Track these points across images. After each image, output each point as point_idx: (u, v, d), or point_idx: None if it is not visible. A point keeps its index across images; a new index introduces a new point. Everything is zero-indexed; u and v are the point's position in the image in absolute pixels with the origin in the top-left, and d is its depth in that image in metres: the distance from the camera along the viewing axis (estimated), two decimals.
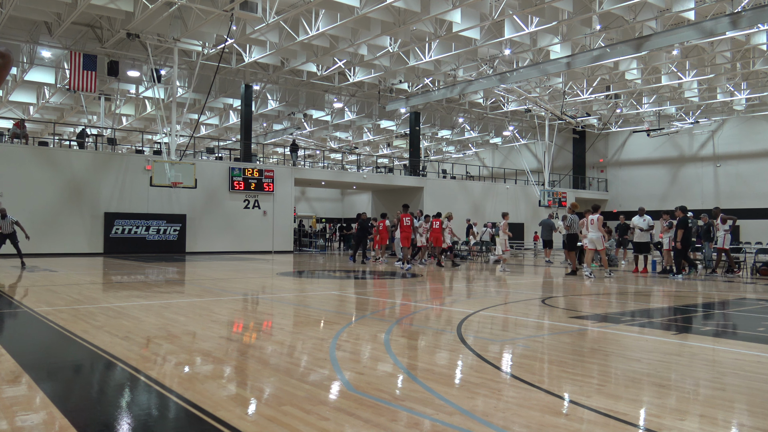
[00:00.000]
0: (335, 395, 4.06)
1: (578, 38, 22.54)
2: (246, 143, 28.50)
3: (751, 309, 9.16)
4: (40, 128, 37.61)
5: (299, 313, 8.31)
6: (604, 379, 4.59)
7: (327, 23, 20.51)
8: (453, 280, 14.20)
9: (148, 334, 6.26)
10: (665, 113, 35.36)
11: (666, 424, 3.46)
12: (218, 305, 8.76)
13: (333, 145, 45.96)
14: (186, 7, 19.59)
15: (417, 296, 10.70)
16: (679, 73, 26.88)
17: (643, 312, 8.66)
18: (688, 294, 11.20)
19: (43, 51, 24.98)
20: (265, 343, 6.03)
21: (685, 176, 36.58)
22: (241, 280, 13.45)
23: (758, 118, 33.75)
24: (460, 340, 6.03)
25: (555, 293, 11.24)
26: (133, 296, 9.81)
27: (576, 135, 40.67)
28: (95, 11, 20.32)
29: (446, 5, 18.90)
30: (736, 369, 4.94)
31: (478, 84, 27.29)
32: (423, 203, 31.42)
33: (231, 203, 25.95)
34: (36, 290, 10.47)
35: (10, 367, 4.72)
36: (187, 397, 3.92)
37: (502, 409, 3.71)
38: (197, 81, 25.22)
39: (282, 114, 36.57)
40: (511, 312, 8.62)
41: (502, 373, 4.75)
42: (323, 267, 19.11)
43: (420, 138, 36.42)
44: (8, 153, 21.63)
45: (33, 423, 3.42)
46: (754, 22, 18.50)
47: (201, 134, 38.90)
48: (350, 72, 27.61)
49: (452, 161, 43.98)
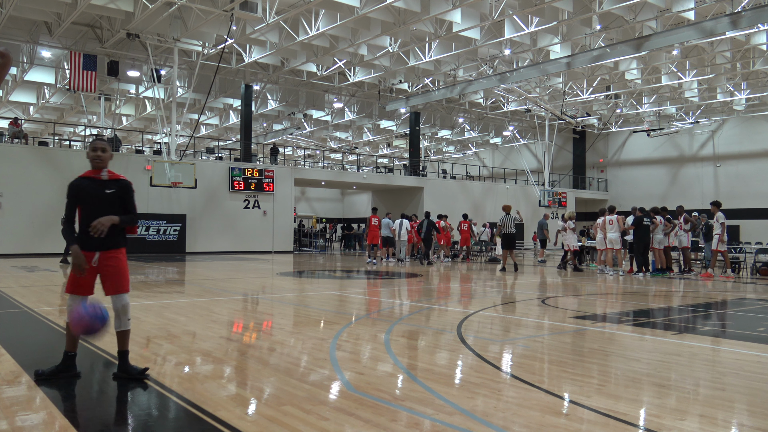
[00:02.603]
0: (335, 395, 4.06)
1: (578, 38, 22.53)
2: (246, 143, 28.50)
3: (751, 309, 9.16)
4: (40, 128, 37.61)
5: (299, 313, 8.31)
6: (604, 379, 4.59)
7: (327, 23, 20.51)
8: (453, 280, 14.20)
9: (148, 334, 6.26)
10: (665, 113, 35.36)
11: (666, 424, 3.46)
12: (218, 305, 8.77)
13: (333, 145, 45.97)
14: (186, 7, 19.58)
15: (417, 296, 10.70)
16: (679, 73, 26.88)
17: (643, 312, 8.66)
18: (688, 294, 11.20)
19: (43, 51, 24.97)
20: (265, 343, 6.03)
21: (685, 176, 36.57)
22: (241, 280, 13.45)
23: (758, 118, 33.74)
24: (460, 340, 6.03)
25: (555, 293, 11.24)
26: (132, 296, 9.78)
27: (576, 135, 40.67)
28: (95, 11, 20.32)
29: (446, 5, 18.90)
30: (736, 369, 4.94)
31: (478, 84, 27.29)
32: (423, 203, 31.43)
33: (231, 203, 25.94)
34: (36, 290, 10.47)
35: (10, 367, 4.72)
36: (187, 397, 3.92)
37: (502, 409, 3.71)
38: (197, 81, 25.21)
39: (282, 114, 36.57)
40: (511, 312, 8.62)
41: (502, 373, 4.75)
42: (323, 267, 19.11)
43: (420, 138, 36.43)
44: (8, 153, 21.63)
45: (33, 423, 3.42)
46: (754, 22, 18.50)
47: (201, 134, 38.90)
48: (350, 72, 27.61)
49: (452, 161, 43.98)
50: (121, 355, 4.44)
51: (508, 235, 17.21)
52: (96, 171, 4.46)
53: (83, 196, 4.37)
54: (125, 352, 4.44)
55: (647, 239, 14.82)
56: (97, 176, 4.44)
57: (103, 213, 4.33)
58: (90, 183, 4.41)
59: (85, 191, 4.37)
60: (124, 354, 4.43)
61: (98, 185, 4.41)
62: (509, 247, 17.14)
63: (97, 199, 4.38)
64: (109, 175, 4.48)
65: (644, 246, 14.89)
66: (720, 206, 14.80)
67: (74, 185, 4.40)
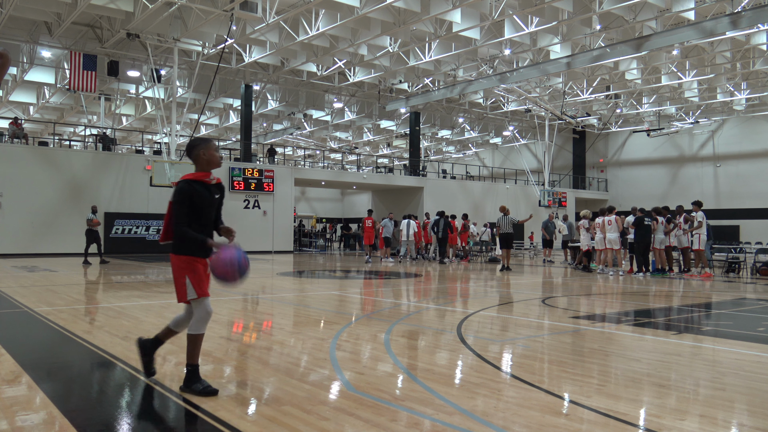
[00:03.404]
0: (335, 395, 4.06)
1: (578, 38, 22.54)
2: (246, 143, 28.50)
3: (751, 309, 9.16)
4: (40, 128, 37.61)
5: (299, 313, 8.31)
6: (604, 379, 4.59)
7: (327, 23, 20.51)
8: (453, 280, 14.20)
9: (149, 335, 6.25)
10: (665, 113, 35.36)
11: (666, 424, 3.46)
12: (218, 305, 8.76)
13: (333, 145, 45.97)
14: (186, 7, 19.58)
15: (417, 296, 10.70)
16: (679, 73, 26.88)
17: (643, 312, 8.66)
18: (688, 294, 11.20)
19: (43, 51, 24.97)
20: (265, 343, 6.03)
21: (685, 176, 36.57)
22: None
23: (758, 118, 33.74)
24: (460, 340, 6.03)
25: (555, 293, 11.24)
26: (133, 296, 9.81)
27: (576, 135, 40.67)
28: (95, 11, 20.32)
29: (446, 5, 18.90)
30: (736, 369, 4.94)
31: (478, 84, 27.29)
32: (423, 203, 31.43)
33: (231, 203, 25.93)
34: (36, 290, 10.47)
35: (10, 367, 4.72)
36: (187, 397, 3.92)
37: (502, 409, 3.71)
38: (197, 81, 25.21)
39: (282, 114, 36.57)
40: (511, 312, 8.62)
41: (502, 373, 4.75)
42: (323, 267, 19.11)
43: (420, 138, 36.42)
44: (8, 153, 21.63)
45: (33, 423, 3.42)
46: (754, 22, 18.50)
47: (201, 134, 38.90)
48: (350, 72, 27.61)
49: (452, 161, 43.97)
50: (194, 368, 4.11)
51: (506, 235, 17.66)
52: (207, 174, 4.15)
53: (197, 202, 4.04)
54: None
55: (648, 239, 14.84)
56: (208, 180, 4.15)
57: (211, 219, 4.18)
58: (203, 188, 4.10)
59: (200, 196, 4.05)
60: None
61: (209, 190, 4.15)
62: (507, 247, 17.61)
63: (209, 205, 4.13)
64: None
65: (645, 246, 14.90)
66: (701, 206, 15.04)
67: (188, 190, 4.03)
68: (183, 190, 4.03)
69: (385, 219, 22.36)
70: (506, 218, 17.78)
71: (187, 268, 4.06)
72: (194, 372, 4.05)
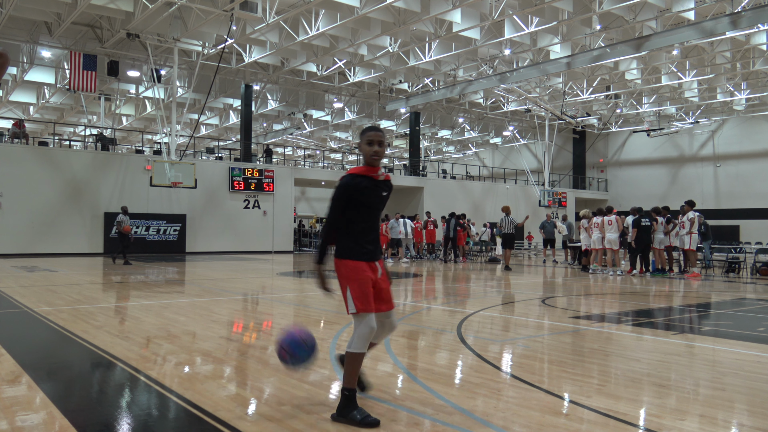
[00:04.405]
0: (335, 395, 4.05)
1: (578, 38, 22.53)
2: (246, 143, 28.50)
3: (751, 309, 9.16)
4: (40, 128, 37.60)
5: (299, 313, 8.32)
6: (604, 379, 4.59)
7: (327, 23, 20.51)
8: (453, 279, 14.20)
9: (148, 334, 6.26)
10: (665, 113, 35.35)
11: (666, 424, 3.46)
12: (218, 305, 8.76)
13: (333, 145, 45.96)
14: (186, 7, 19.58)
15: (417, 296, 10.70)
16: (679, 73, 26.87)
17: (642, 312, 8.66)
18: (688, 294, 11.20)
19: (43, 51, 24.96)
20: (265, 343, 6.03)
21: (685, 176, 36.57)
22: (241, 280, 13.45)
23: (758, 118, 33.74)
24: (460, 340, 6.03)
25: (555, 293, 11.24)
26: (133, 296, 9.81)
27: (576, 135, 40.66)
28: (95, 11, 20.32)
29: (446, 5, 18.90)
30: (736, 369, 4.94)
31: (478, 84, 27.28)
32: (423, 203, 31.43)
33: (231, 203, 25.94)
34: (36, 290, 10.47)
35: (10, 367, 4.72)
36: (187, 397, 3.92)
37: (502, 409, 3.71)
38: (197, 81, 25.20)
39: (282, 114, 36.56)
40: (511, 312, 8.62)
41: (502, 373, 4.75)
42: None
43: (420, 138, 36.42)
44: (8, 153, 21.63)
45: (33, 423, 3.42)
46: (754, 22, 18.49)
47: (201, 134, 38.89)
48: (350, 72, 27.61)
49: (452, 161, 43.96)
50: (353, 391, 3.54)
51: (507, 235, 17.85)
52: (374, 169, 3.61)
53: (362, 199, 3.54)
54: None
55: (647, 239, 14.87)
56: (374, 175, 3.61)
57: (378, 220, 3.68)
58: (369, 183, 3.58)
59: (365, 193, 3.55)
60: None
61: (376, 186, 3.61)
62: (508, 247, 17.82)
63: (377, 203, 3.62)
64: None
65: (644, 246, 14.93)
66: (693, 206, 15.23)
67: (350, 185, 3.53)
68: (342, 185, 3.54)
69: (391, 220, 22.33)
70: (508, 219, 17.93)
71: (349, 276, 3.53)
72: (351, 398, 3.46)
